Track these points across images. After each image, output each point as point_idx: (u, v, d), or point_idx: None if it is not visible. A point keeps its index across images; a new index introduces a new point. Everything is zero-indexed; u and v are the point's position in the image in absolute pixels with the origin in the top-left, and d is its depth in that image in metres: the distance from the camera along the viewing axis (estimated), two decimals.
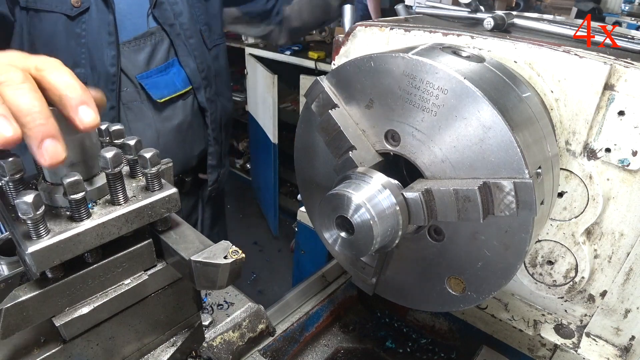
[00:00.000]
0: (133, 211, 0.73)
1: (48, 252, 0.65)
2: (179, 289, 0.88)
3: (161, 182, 0.77)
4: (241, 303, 1.15)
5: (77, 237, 0.68)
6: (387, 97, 0.84)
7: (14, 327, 0.67)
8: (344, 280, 1.48)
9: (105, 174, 0.71)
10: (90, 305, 0.75)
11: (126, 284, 0.79)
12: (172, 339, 0.92)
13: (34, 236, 0.65)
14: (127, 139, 0.76)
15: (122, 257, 0.77)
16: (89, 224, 0.69)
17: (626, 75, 0.83)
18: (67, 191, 0.65)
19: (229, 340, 1.08)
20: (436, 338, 1.39)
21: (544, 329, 1.13)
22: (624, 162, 0.87)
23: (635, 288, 0.97)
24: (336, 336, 1.40)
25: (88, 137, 0.73)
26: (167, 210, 0.78)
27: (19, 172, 0.68)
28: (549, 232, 1.01)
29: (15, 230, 0.68)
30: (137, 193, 0.76)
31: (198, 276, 0.75)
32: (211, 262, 0.73)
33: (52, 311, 0.72)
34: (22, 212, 0.62)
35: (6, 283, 0.89)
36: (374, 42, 1.14)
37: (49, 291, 0.70)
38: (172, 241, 0.80)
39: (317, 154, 1.03)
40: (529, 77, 0.93)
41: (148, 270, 0.82)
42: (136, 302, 0.82)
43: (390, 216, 0.82)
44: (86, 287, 0.74)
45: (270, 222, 4.98)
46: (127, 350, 0.85)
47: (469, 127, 0.75)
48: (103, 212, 0.71)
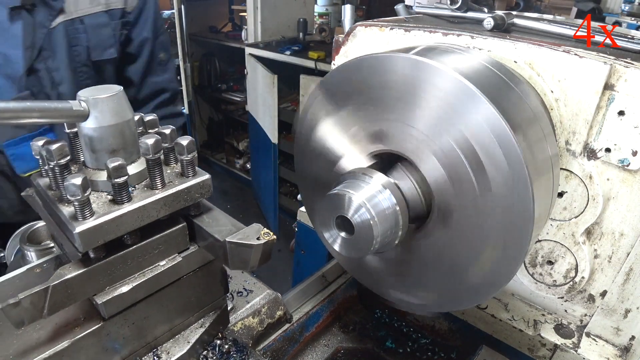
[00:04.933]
0: (170, 195, 0.78)
1: (93, 232, 0.70)
2: (208, 272, 0.93)
3: (195, 169, 0.82)
4: (260, 290, 1.20)
5: (119, 218, 0.72)
6: (383, 98, 0.84)
7: (59, 304, 0.71)
8: (344, 280, 1.48)
9: (146, 159, 0.76)
10: (129, 285, 0.79)
11: (162, 265, 0.84)
12: (201, 320, 0.97)
13: (80, 217, 0.69)
14: (162, 128, 0.81)
15: (159, 239, 0.82)
16: (130, 207, 0.74)
17: (626, 75, 0.83)
18: (111, 175, 0.70)
19: (249, 326, 1.13)
20: (436, 338, 1.39)
21: (544, 329, 1.13)
22: (624, 162, 0.87)
23: (635, 288, 0.97)
24: (336, 336, 1.40)
25: (127, 126, 0.79)
26: (201, 195, 0.83)
27: (65, 157, 0.73)
28: (549, 232, 1.01)
29: (61, 213, 0.72)
30: (173, 179, 0.81)
31: (232, 257, 0.78)
32: (245, 242, 0.77)
33: (94, 289, 0.76)
34: (70, 194, 0.67)
35: (41, 268, 0.93)
36: (374, 42, 1.14)
37: (92, 270, 0.74)
38: (206, 224, 0.84)
39: (317, 153, 1.03)
40: (529, 77, 0.92)
41: (182, 253, 0.86)
42: (170, 283, 0.86)
43: (390, 216, 0.82)
44: (125, 267, 0.79)
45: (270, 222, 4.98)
46: (159, 331, 0.90)
47: (469, 125, 0.75)
48: (143, 196, 0.76)
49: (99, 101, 0.73)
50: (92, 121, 0.74)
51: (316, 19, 4.55)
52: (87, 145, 0.77)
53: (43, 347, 0.75)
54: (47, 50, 1.48)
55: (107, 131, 0.75)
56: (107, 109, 0.74)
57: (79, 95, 0.74)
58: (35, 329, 0.78)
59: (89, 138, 0.76)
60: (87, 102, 0.73)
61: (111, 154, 0.77)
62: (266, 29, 4.46)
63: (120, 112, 0.76)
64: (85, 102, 0.73)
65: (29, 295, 0.67)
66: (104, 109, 0.73)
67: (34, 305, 0.68)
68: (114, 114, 0.75)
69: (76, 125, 0.77)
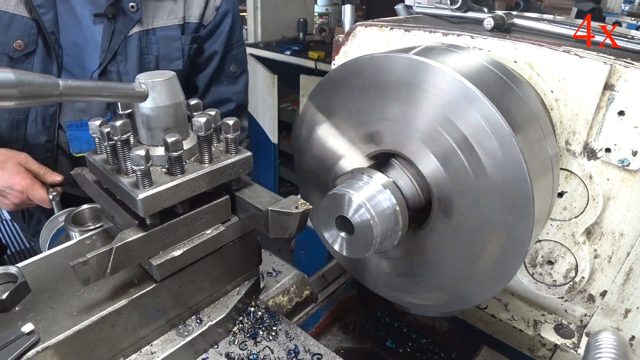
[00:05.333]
0: (218, 169, 0.89)
1: (153, 199, 0.79)
2: (245, 243, 1.03)
3: (237, 147, 0.92)
4: (288, 271, 1.29)
5: (175, 188, 0.82)
6: (381, 98, 0.84)
7: (120, 265, 0.80)
8: (344, 280, 1.48)
9: (197, 136, 0.86)
10: (180, 250, 0.89)
11: (207, 233, 0.94)
12: (237, 288, 1.07)
13: (142, 186, 0.79)
14: (207, 110, 0.90)
15: (206, 209, 0.92)
16: (184, 178, 0.83)
17: (626, 75, 0.83)
18: (169, 148, 0.79)
19: (279, 304, 1.23)
20: (436, 338, 1.39)
21: (544, 329, 1.13)
22: (624, 162, 0.87)
23: (635, 288, 0.97)
24: (336, 336, 1.40)
25: (180, 107, 0.88)
26: (243, 170, 0.94)
27: (127, 132, 0.81)
28: (549, 232, 1.01)
29: (121, 183, 0.81)
30: (218, 155, 0.92)
31: (273, 224, 0.88)
32: (285, 211, 0.85)
33: (150, 253, 0.86)
34: (135, 163, 0.76)
35: (91, 240, 1.05)
36: (374, 42, 1.14)
37: (149, 235, 0.84)
38: (248, 197, 0.95)
39: (316, 154, 1.03)
40: (529, 77, 0.92)
41: (224, 223, 0.97)
42: (213, 251, 0.96)
43: (390, 216, 0.82)
44: (177, 233, 0.89)
45: None
46: (200, 297, 1.00)
47: (468, 125, 0.75)
48: (193, 169, 0.86)
49: (157, 84, 0.83)
50: (150, 101, 0.84)
51: (316, 19, 4.54)
52: (144, 124, 0.87)
53: (102, 305, 0.84)
54: (121, 55, 1.61)
55: (162, 111, 0.85)
56: (163, 91, 0.84)
57: (138, 78, 0.83)
58: (94, 290, 0.87)
59: (146, 117, 0.85)
60: (146, 85, 0.83)
61: (165, 132, 0.86)
62: (266, 29, 4.46)
63: (174, 94, 0.86)
64: (145, 85, 0.83)
65: (95, 255, 0.76)
66: (161, 90, 0.84)
67: (99, 265, 0.77)
68: (169, 95, 0.85)
69: (132, 106, 0.88)
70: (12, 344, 0.74)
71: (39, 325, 0.78)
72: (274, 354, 0.98)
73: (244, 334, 1.03)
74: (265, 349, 0.99)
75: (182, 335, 0.95)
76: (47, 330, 0.78)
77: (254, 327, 1.04)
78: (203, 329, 0.96)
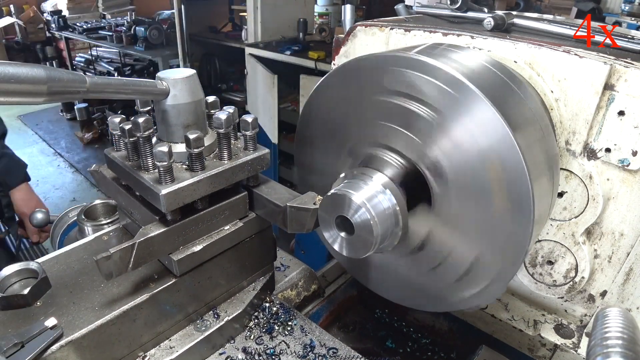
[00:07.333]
0: (237, 166, 0.89)
1: (175, 195, 0.80)
2: (262, 239, 1.04)
3: (256, 144, 0.93)
4: (296, 266, 1.32)
5: (196, 184, 0.83)
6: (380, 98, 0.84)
7: (142, 260, 0.81)
8: (344, 280, 1.48)
9: (217, 133, 0.87)
10: (200, 245, 0.90)
11: (226, 229, 0.95)
12: (252, 284, 1.08)
13: (164, 182, 0.79)
14: (226, 108, 0.90)
15: (224, 205, 0.93)
16: (205, 174, 0.84)
17: (626, 75, 0.83)
18: (191, 145, 0.80)
19: (288, 297, 1.25)
20: (436, 338, 1.39)
21: (544, 329, 1.13)
22: (624, 162, 0.87)
23: (635, 288, 0.97)
24: (336, 336, 1.39)
25: (199, 104, 0.88)
26: (261, 167, 0.94)
27: (149, 129, 0.82)
28: (549, 232, 1.01)
29: (142, 179, 0.81)
30: (237, 152, 0.92)
31: (291, 220, 0.89)
32: (303, 207, 0.87)
33: (170, 248, 0.87)
34: (158, 159, 0.77)
35: (108, 236, 1.05)
36: (374, 42, 1.14)
37: (170, 230, 0.85)
38: (265, 193, 0.95)
39: (316, 154, 1.03)
40: (529, 77, 0.92)
41: (242, 219, 0.98)
42: (231, 247, 0.97)
43: (390, 216, 0.82)
44: (197, 229, 0.89)
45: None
46: (217, 292, 1.01)
47: (468, 125, 0.74)
48: (213, 165, 0.87)
49: (178, 82, 0.84)
50: (171, 99, 0.84)
51: (316, 19, 4.54)
52: (164, 120, 0.86)
53: (123, 300, 0.85)
54: None
55: (183, 108, 0.85)
56: (184, 88, 0.84)
57: (158, 76, 0.84)
58: (114, 286, 0.88)
59: (167, 114, 0.85)
60: (167, 82, 0.83)
61: (185, 128, 0.86)
62: (266, 29, 4.46)
63: (194, 91, 0.86)
64: (166, 82, 0.83)
65: (118, 250, 0.77)
66: (182, 88, 0.84)
67: (122, 259, 0.78)
68: (189, 93, 0.85)
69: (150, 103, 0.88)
70: (36, 338, 0.75)
71: (61, 320, 0.80)
72: (290, 348, 1.00)
73: (259, 329, 1.04)
74: (281, 343, 1.01)
75: (199, 330, 0.96)
76: (70, 324, 0.80)
77: (270, 322, 1.06)
78: (220, 324, 0.98)
